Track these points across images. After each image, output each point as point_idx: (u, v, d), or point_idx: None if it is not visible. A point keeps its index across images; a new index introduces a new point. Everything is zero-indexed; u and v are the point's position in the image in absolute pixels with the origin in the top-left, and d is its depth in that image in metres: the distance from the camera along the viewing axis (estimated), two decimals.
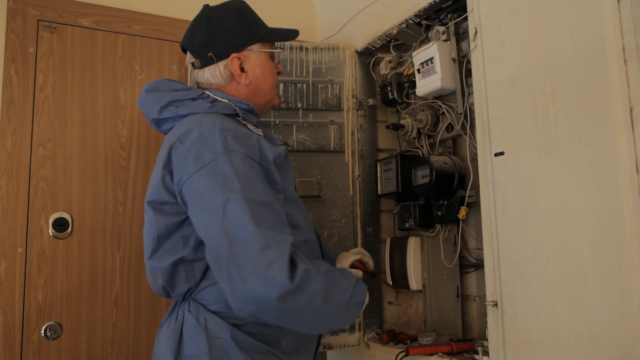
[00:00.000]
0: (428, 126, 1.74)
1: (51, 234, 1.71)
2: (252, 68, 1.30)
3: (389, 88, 1.86)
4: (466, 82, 1.56)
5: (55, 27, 1.78)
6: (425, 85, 1.64)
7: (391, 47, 1.91)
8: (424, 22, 1.71)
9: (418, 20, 1.68)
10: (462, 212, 1.54)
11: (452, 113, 1.64)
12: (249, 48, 1.30)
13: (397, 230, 1.96)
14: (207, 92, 1.27)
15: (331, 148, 1.91)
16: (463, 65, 1.56)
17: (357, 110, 1.95)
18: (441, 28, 1.61)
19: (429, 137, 1.79)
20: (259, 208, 1.07)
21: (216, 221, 1.05)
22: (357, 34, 1.97)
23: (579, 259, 1.05)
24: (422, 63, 1.64)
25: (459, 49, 1.58)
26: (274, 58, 1.36)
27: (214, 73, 1.29)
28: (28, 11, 1.74)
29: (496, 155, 1.25)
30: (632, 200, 0.96)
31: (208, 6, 1.33)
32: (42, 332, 1.67)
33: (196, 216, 1.10)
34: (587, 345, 1.03)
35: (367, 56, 2.00)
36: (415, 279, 1.78)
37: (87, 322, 1.74)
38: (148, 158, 1.88)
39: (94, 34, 1.84)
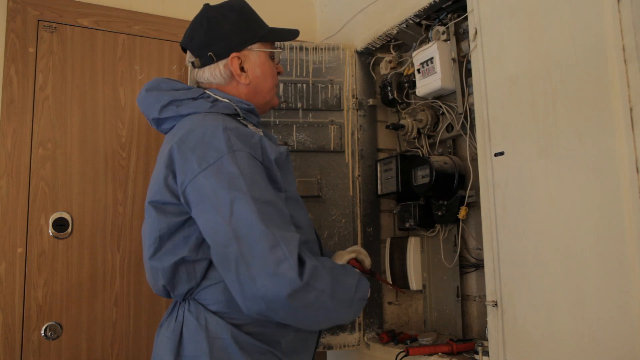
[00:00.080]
0: (428, 126, 1.74)
1: (51, 234, 1.71)
2: (252, 68, 1.30)
3: (389, 88, 1.86)
4: (466, 82, 1.56)
5: (55, 27, 1.78)
6: (425, 85, 1.64)
7: (391, 47, 1.91)
8: (424, 22, 1.71)
9: (418, 20, 1.68)
10: (462, 212, 1.54)
11: (452, 113, 1.64)
12: (249, 48, 1.30)
13: (397, 230, 1.96)
14: (208, 92, 1.27)
15: (331, 148, 1.91)
16: (463, 65, 1.56)
17: (357, 110, 1.95)
18: (441, 28, 1.61)
19: (429, 137, 1.79)
20: (266, 207, 1.07)
21: (224, 221, 1.05)
22: (357, 34, 1.97)
23: (579, 259, 1.05)
24: (422, 63, 1.64)
25: (459, 49, 1.58)
26: (274, 58, 1.36)
27: (214, 72, 1.29)
28: (28, 11, 1.74)
29: (496, 155, 1.25)
30: (632, 200, 0.96)
31: (208, 5, 1.33)
32: (42, 332, 1.67)
33: (202, 216, 1.10)
34: (587, 345, 1.03)
35: (367, 56, 2.00)
36: (415, 279, 1.78)
37: (87, 322, 1.74)
38: (148, 158, 1.88)
39: (94, 34, 1.84)
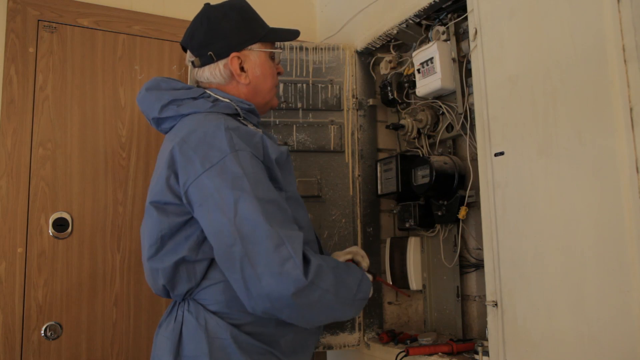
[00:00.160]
0: (428, 126, 1.74)
1: (51, 234, 1.71)
2: (252, 68, 1.30)
3: (389, 88, 1.86)
4: (466, 82, 1.56)
5: (55, 27, 1.78)
6: (425, 85, 1.64)
7: (391, 47, 1.91)
8: (424, 22, 1.70)
9: (418, 20, 1.68)
10: (462, 212, 1.54)
11: (452, 113, 1.64)
12: (249, 47, 1.30)
13: (397, 230, 1.96)
14: (208, 92, 1.26)
15: (331, 148, 1.91)
16: (463, 65, 1.56)
17: (357, 110, 1.95)
18: (441, 28, 1.61)
19: (429, 137, 1.79)
20: (269, 206, 1.07)
21: (228, 221, 1.05)
22: (357, 34, 1.97)
23: (579, 259, 1.05)
24: (422, 63, 1.64)
25: (459, 49, 1.58)
26: (274, 58, 1.36)
27: (214, 72, 1.28)
28: (28, 11, 1.74)
29: (496, 155, 1.25)
30: (632, 200, 0.95)
31: (209, 5, 1.33)
32: (42, 332, 1.67)
33: (205, 216, 1.09)
34: (587, 345, 1.03)
35: (367, 56, 2.00)
36: (415, 279, 1.78)
37: (87, 322, 1.74)
38: (148, 158, 1.88)
39: (94, 34, 1.84)
